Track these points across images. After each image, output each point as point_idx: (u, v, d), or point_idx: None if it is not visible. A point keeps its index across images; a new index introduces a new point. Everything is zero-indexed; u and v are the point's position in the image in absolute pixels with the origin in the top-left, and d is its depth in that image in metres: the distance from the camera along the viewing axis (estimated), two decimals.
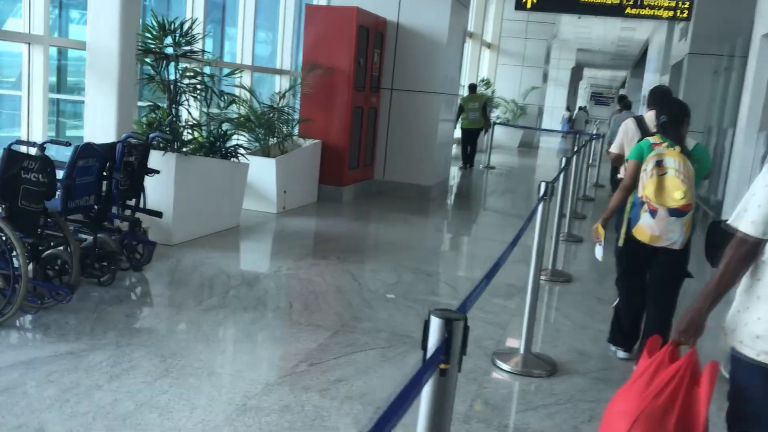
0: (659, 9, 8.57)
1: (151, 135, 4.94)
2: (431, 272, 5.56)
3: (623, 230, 3.79)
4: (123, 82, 5.23)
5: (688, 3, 8.54)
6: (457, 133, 14.42)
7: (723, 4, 10.92)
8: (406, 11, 9.16)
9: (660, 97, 4.56)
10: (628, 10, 8.59)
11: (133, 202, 4.79)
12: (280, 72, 8.84)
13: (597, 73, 49.10)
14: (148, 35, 5.57)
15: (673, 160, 3.44)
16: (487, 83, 19.74)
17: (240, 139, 7.56)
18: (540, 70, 22.29)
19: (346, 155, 8.45)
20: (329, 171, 8.46)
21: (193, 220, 5.85)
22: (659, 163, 3.46)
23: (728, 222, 2.07)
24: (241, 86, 7.61)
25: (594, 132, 18.29)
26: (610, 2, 8.63)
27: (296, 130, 8.23)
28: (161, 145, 5.50)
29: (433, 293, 5.05)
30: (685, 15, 8.47)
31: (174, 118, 5.69)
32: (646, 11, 8.59)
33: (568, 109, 37.02)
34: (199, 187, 5.90)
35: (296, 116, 8.32)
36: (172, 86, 5.75)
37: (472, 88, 14.57)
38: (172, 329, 3.85)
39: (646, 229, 3.54)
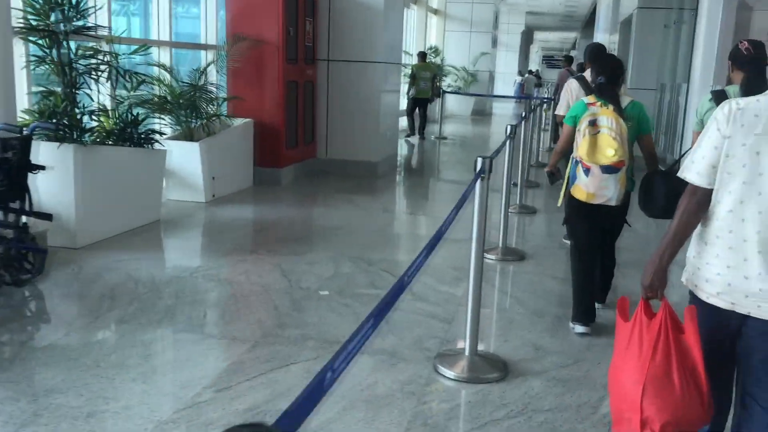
0: None
1: (31, 126, 4.26)
2: (373, 260, 5.02)
3: (563, 190, 3.94)
4: None
5: None
6: (403, 104, 13.96)
7: None
8: None
9: (596, 56, 4.62)
10: None
11: (17, 205, 4.12)
12: (205, 47, 8.12)
13: (548, 36, 48.84)
14: (31, 10, 4.84)
15: (606, 118, 3.53)
16: (436, 51, 19.14)
17: (160, 123, 6.87)
18: (489, 36, 21.75)
19: (282, 134, 7.82)
20: (265, 152, 7.83)
21: (101, 218, 5.19)
22: (593, 123, 3.56)
23: (678, 174, 2.16)
24: (158, 65, 6.90)
25: (545, 95, 17.87)
26: None
27: (224, 110, 7.56)
28: (59, 135, 4.83)
29: (373, 285, 4.51)
30: None
31: (70, 105, 4.99)
32: None
33: (520, 73, 36.66)
34: (106, 180, 5.22)
35: (223, 94, 7.64)
36: (66, 68, 5.04)
37: (423, 56, 13.98)
38: (52, 358, 3.21)
39: (582, 187, 3.66)
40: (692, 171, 2.08)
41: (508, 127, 5.51)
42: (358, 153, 8.85)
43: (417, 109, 13.71)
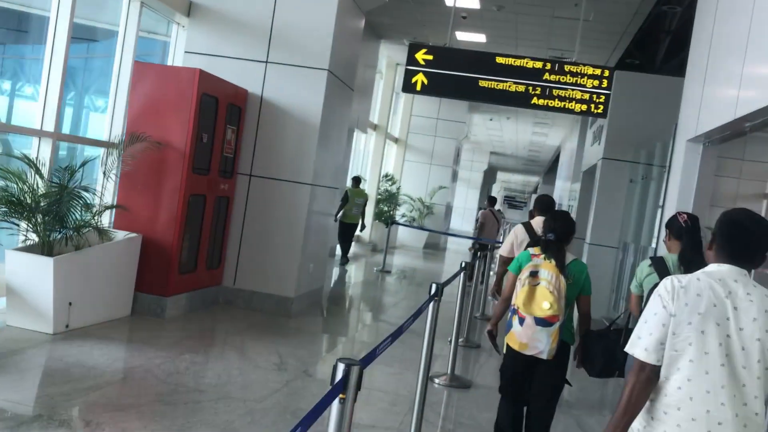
0: (571, 102, 7.22)
1: None
2: None
3: (506, 336, 3.84)
4: None
5: (603, 97, 7.24)
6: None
7: (639, 106, 9.84)
8: (272, 84, 7.48)
9: (549, 210, 4.87)
10: (534, 101, 7.21)
11: None
12: (99, 144, 6.89)
13: (510, 177, 49.45)
14: None
15: (547, 272, 3.61)
16: (392, 179, 18.34)
17: (9, 229, 5.47)
18: (449, 170, 21.18)
19: (174, 256, 6.45)
20: (150, 276, 6.42)
21: None
22: (534, 274, 3.63)
23: (625, 349, 2.17)
24: (21, 157, 5.59)
25: (501, 239, 17.01)
26: (513, 90, 7.24)
27: (103, 220, 6.22)
28: None
29: None
30: (600, 110, 7.14)
31: None
32: (556, 103, 7.22)
33: (482, 209, 36.42)
34: None
35: (99, 200, 6.32)
36: None
37: (357, 181, 13.01)
38: None
39: (516, 335, 3.68)
40: (639, 347, 2.10)
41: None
42: (271, 285, 7.49)
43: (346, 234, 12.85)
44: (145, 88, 6.53)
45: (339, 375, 2.02)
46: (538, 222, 5.14)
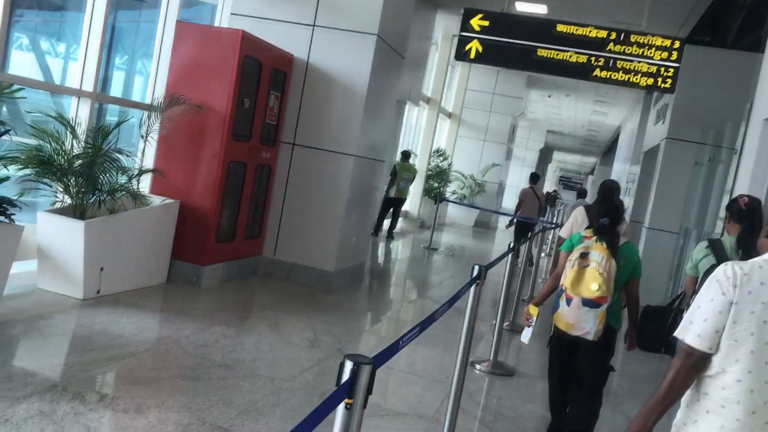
0: (636, 75, 6.67)
1: None
2: None
3: (553, 316, 3.82)
4: None
5: (671, 71, 6.67)
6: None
7: (709, 83, 9.18)
8: (319, 49, 7.17)
9: (604, 196, 4.83)
10: (596, 73, 6.69)
11: None
12: (138, 105, 6.72)
13: (566, 157, 48.27)
14: None
15: (598, 254, 3.59)
16: (443, 154, 17.90)
17: (44, 190, 5.34)
18: (503, 147, 20.61)
19: (212, 223, 6.25)
20: (187, 244, 6.25)
21: None
22: (584, 255, 3.62)
23: (675, 334, 2.07)
24: (55, 116, 5.43)
25: (553, 220, 16.49)
26: (573, 60, 6.73)
27: (142, 185, 6.05)
28: None
29: None
30: (668, 85, 6.58)
31: None
32: (620, 76, 6.69)
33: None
34: None
35: (140, 164, 6.16)
36: None
37: (406, 155, 12.70)
38: None
39: (562, 316, 3.67)
40: (692, 332, 1.99)
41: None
42: (313, 258, 7.26)
43: (391, 209, 12.73)
44: (186, 50, 6.30)
45: (346, 375, 1.67)
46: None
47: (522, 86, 20.20)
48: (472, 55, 6.93)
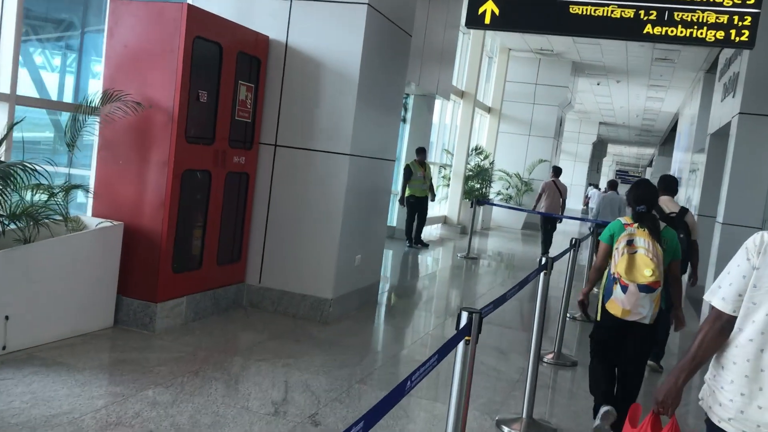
0: (701, 28, 5.09)
1: None
2: None
3: (599, 304, 3.93)
4: None
5: (749, 19, 5.06)
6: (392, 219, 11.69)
7: None
8: (299, 27, 5.85)
9: (662, 184, 5.49)
10: (648, 29, 5.14)
11: None
12: (76, 107, 5.47)
13: (622, 150, 45.91)
14: None
15: (643, 240, 3.72)
16: (482, 153, 16.38)
17: None
18: (550, 141, 18.93)
19: (164, 249, 4.97)
20: (134, 276, 5.00)
21: None
22: (630, 242, 3.73)
23: (704, 297, 2.18)
24: None
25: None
26: (618, 15, 5.20)
27: (68, 204, 4.81)
28: None
29: None
30: (744, 37, 4.97)
31: None
32: (679, 31, 5.12)
33: (596, 186, 33.52)
34: None
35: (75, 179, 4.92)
36: None
37: (419, 152, 11.14)
38: None
39: (618, 303, 3.74)
40: (718, 296, 2.10)
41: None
42: (305, 283, 5.92)
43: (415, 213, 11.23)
44: (123, 33, 5.06)
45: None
46: (663, 201, 5.29)
47: (567, 74, 18.52)
48: (488, 19, 5.47)
